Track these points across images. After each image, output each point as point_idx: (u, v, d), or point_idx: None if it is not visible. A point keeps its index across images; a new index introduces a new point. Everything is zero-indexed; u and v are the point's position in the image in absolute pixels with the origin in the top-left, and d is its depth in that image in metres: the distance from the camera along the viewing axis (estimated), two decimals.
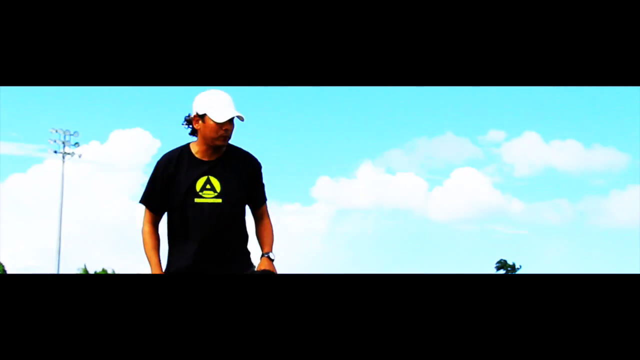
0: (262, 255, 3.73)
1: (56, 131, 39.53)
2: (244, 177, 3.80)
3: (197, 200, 3.78)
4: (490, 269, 67.21)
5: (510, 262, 64.75)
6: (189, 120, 3.74)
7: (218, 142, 3.71)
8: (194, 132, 3.78)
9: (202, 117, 3.64)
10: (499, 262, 65.59)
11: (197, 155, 3.81)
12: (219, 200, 3.76)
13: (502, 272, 63.46)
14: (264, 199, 3.91)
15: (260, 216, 3.92)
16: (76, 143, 39.68)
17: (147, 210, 3.90)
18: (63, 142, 39.41)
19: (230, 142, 3.79)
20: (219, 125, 3.63)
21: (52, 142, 39.44)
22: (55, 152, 39.41)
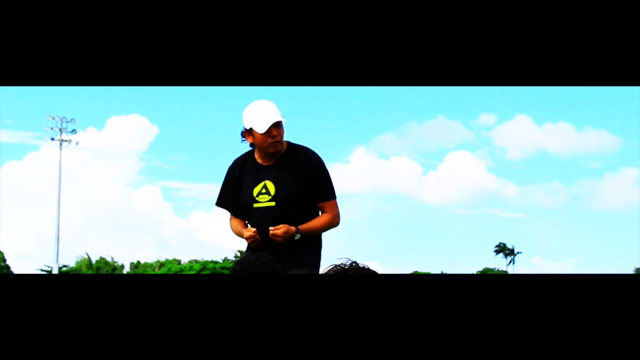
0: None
1: (53, 118, 39.48)
2: (299, 176, 3.83)
3: (255, 205, 3.90)
4: (490, 252, 67.67)
5: (509, 246, 65.07)
6: (243, 135, 3.91)
7: (271, 150, 3.83)
8: (252, 145, 3.92)
9: (250, 130, 3.81)
10: (498, 245, 65.86)
11: (258, 161, 3.93)
12: (273, 203, 3.84)
13: (501, 255, 63.73)
14: (325, 196, 3.88)
15: (322, 211, 3.91)
16: (73, 130, 39.65)
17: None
18: (60, 129, 39.38)
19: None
20: (265, 134, 3.76)
21: (48, 129, 39.40)
22: (52, 139, 39.36)
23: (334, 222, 3.89)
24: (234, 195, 3.99)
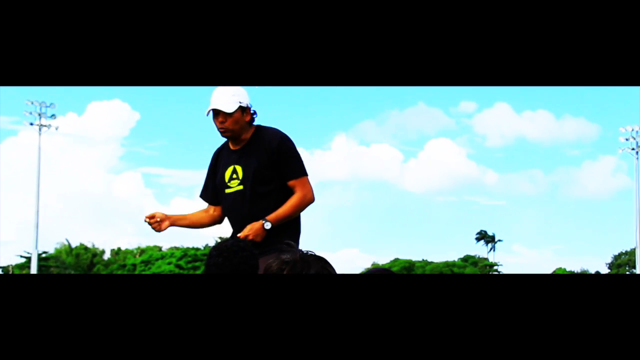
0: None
1: (32, 103, 38.90)
2: (261, 156, 3.78)
3: (227, 191, 3.89)
4: (471, 240, 68.19)
5: (490, 233, 65.50)
6: None
7: (223, 136, 3.83)
8: None
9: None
10: (479, 233, 66.28)
11: (230, 147, 3.92)
12: (241, 187, 3.81)
13: (481, 242, 64.22)
14: (293, 174, 3.81)
15: (293, 190, 3.84)
16: (53, 115, 39.11)
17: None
18: (39, 114, 38.82)
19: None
20: (214, 119, 3.78)
21: (27, 114, 38.83)
22: (31, 124, 38.81)
23: (305, 201, 3.82)
24: (212, 184, 3.99)
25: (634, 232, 38.02)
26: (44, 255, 46.85)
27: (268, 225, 3.72)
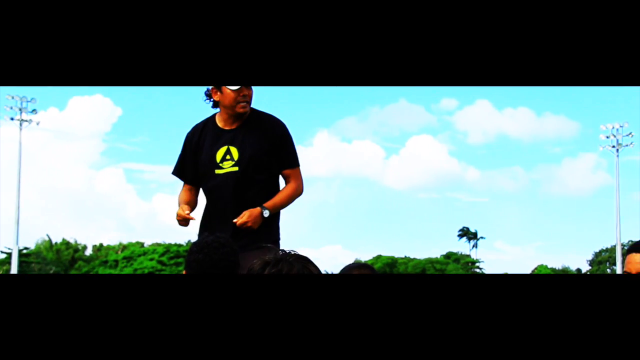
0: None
1: (12, 97, 38.47)
2: (263, 142, 3.69)
3: (217, 171, 3.72)
4: (453, 236, 68.54)
5: (472, 230, 65.81)
6: (208, 95, 3.75)
7: (239, 110, 3.69)
8: (216, 105, 3.77)
9: (220, 88, 3.68)
10: (461, 229, 66.59)
11: (220, 125, 3.77)
12: (236, 169, 3.69)
13: (464, 239, 64.52)
14: (290, 163, 3.76)
15: (286, 180, 3.78)
16: (34, 110, 38.71)
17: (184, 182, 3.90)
18: (20, 109, 38.40)
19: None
20: (237, 92, 3.64)
21: (8, 109, 38.41)
22: (12, 119, 38.40)
23: (297, 192, 3.77)
24: (192, 162, 3.83)
25: (614, 230, 38.37)
26: (24, 251, 46.44)
27: (267, 213, 3.63)
